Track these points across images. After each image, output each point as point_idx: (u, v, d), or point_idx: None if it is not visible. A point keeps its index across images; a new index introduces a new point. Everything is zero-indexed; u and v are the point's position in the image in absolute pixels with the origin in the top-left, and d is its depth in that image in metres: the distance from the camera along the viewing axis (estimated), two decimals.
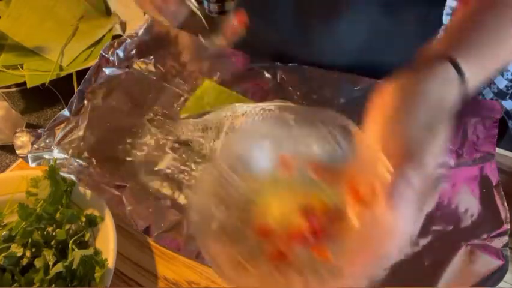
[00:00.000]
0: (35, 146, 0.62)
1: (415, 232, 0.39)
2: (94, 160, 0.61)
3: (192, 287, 0.50)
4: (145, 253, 0.53)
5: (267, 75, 0.72)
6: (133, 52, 0.76)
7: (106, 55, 0.73)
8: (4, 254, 0.45)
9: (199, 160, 0.60)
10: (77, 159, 0.61)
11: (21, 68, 0.78)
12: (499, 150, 0.60)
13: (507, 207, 0.53)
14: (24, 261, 0.46)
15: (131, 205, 0.56)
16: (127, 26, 0.87)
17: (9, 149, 0.65)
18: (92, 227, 0.50)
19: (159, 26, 0.80)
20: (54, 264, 0.45)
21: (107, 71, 0.72)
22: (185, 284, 0.50)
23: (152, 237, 0.53)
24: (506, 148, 0.62)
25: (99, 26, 0.85)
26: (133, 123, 0.67)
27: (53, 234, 0.49)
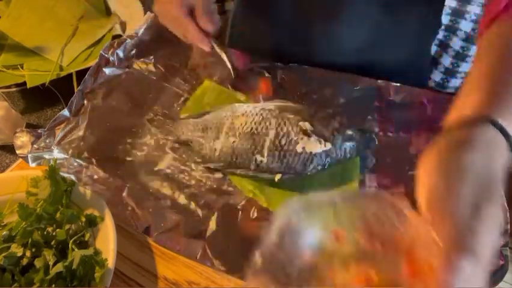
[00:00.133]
0: (35, 146, 0.62)
1: None
2: (94, 160, 0.61)
3: (192, 287, 0.50)
4: (145, 253, 0.53)
5: (267, 75, 0.72)
6: (133, 52, 0.76)
7: (106, 55, 0.73)
8: (4, 254, 0.45)
9: (199, 160, 0.60)
10: (77, 159, 0.61)
11: (21, 68, 0.78)
12: None
13: (507, 207, 0.52)
14: (24, 261, 0.46)
15: (131, 205, 0.56)
16: (127, 26, 0.87)
17: (9, 149, 0.65)
18: (92, 227, 0.50)
19: (159, 26, 0.80)
20: (54, 264, 0.45)
21: (107, 71, 0.72)
22: (185, 284, 0.50)
23: (152, 237, 0.53)
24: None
25: (99, 26, 0.85)
26: (133, 123, 0.67)
27: (53, 234, 0.49)
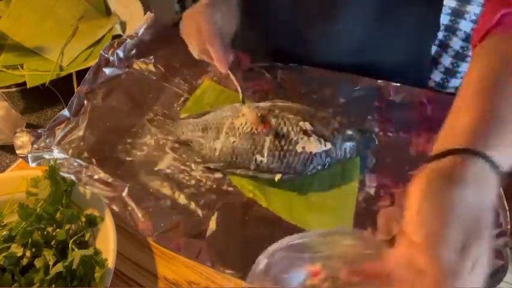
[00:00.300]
0: (35, 146, 0.62)
1: None
2: (94, 160, 0.61)
3: (192, 287, 0.50)
4: (145, 253, 0.53)
5: (267, 75, 0.72)
6: (133, 52, 0.76)
7: (106, 55, 0.73)
8: (4, 254, 0.45)
9: (199, 160, 0.60)
10: (77, 159, 0.61)
11: (21, 68, 0.78)
12: None
13: (507, 207, 0.52)
14: (24, 261, 0.46)
15: (131, 205, 0.56)
16: (127, 26, 0.87)
17: (9, 149, 0.65)
18: (92, 227, 0.50)
19: (159, 26, 0.80)
20: (54, 264, 0.45)
21: (107, 71, 0.72)
22: (185, 284, 0.50)
23: (152, 237, 0.53)
24: None
25: (99, 26, 0.85)
26: (133, 123, 0.67)
27: (53, 234, 0.49)
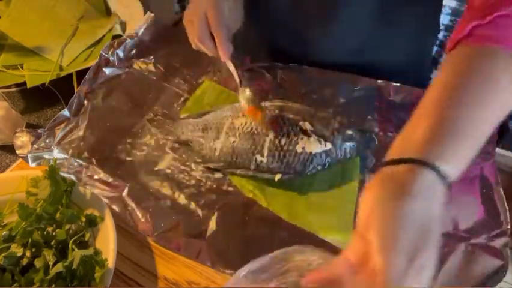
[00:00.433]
0: (35, 146, 0.62)
1: None
2: (94, 160, 0.61)
3: (192, 287, 0.50)
4: (145, 253, 0.53)
5: (267, 75, 0.72)
6: (133, 52, 0.76)
7: (106, 55, 0.73)
8: (4, 254, 0.45)
9: (199, 160, 0.60)
10: (77, 159, 0.61)
11: (21, 68, 0.78)
12: (499, 150, 0.60)
13: (507, 207, 0.53)
14: (24, 261, 0.46)
15: (131, 205, 0.56)
16: (127, 26, 0.87)
17: (9, 149, 0.65)
18: (92, 227, 0.50)
19: (159, 26, 0.80)
20: (54, 264, 0.45)
21: (107, 71, 0.72)
22: (185, 284, 0.50)
23: (152, 237, 0.53)
24: (506, 148, 0.62)
25: (99, 26, 0.85)
26: (133, 123, 0.67)
27: (53, 234, 0.49)
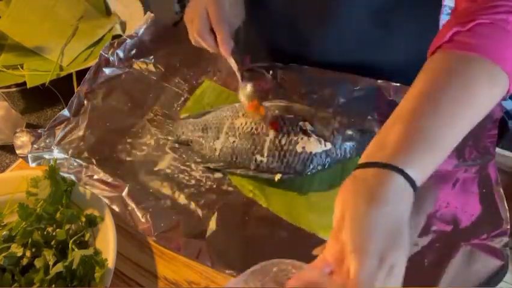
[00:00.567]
0: (35, 146, 0.62)
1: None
2: (94, 160, 0.61)
3: (192, 287, 0.50)
4: (145, 253, 0.53)
5: (267, 75, 0.72)
6: (133, 52, 0.76)
7: (106, 55, 0.73)
8: (4, 254, 0.45)
9: (199, 160, 0.60)
10: (77, 159, 0.61)
11: (21, 68, 0.78)
12: (499, 150, 0.60)
13: (507, 207, 0.53)
14: (24, 261, 0.46)
15: (131, 205, 0.56)
16: (127, 26, 0.87)
17: (9, 149, 0.65)
18: (92, 227, 0.50)
19: (159, 26, 0.80)
20: (54, 264, 0.45)
21: (107, 71, 0.72)
22: (185, 284, 0.50)
23: (152, 237, 0.53)
24: (506, 148, 0.62)
25: (99, 26, 0.85)
26: (133, 123, 0.67)
27: (53, 234, 0.49)
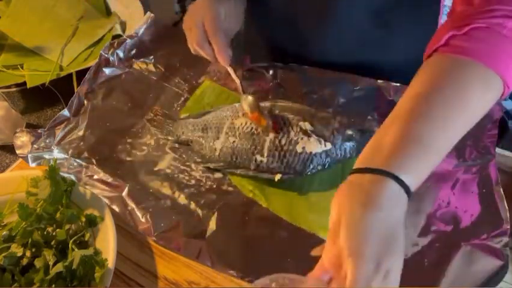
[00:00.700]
0: (35, 146, 0.62)
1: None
2: (94, 160, 0.61)
3: (192, 287, 0.50)
4: (145, 253, 0.53)
5: (267, 75, 0.72)
6: (133, 52, 0.76)
7: (106, 55, 0.73)
8: (4, 254, 0.45)
9: (199, 160, 0.60)
10: (77, 159, 0.61)
11: (21, 68, 0.78)
12: (499, 150, 0.60)
13: (507, 207, 0.52)
14: (24, 261, 0.46)
15: (131, 205, 0.56)
16: (127, 26, 0.87)
17: (9, 149, 0.65)
18: (92, 227, 0.50)
19: (159, 26, 0.80)
20: (54, 264, 0.45)
21: (107, 71, 0.72)
22: (185, 284, 0.50)
23: (152, 237, 0.53)
24: (506, 148, 0.62)
25: (99, 26, 0.85)
26: (133, 123, 0.67)
27: (53, 234, 0.49)
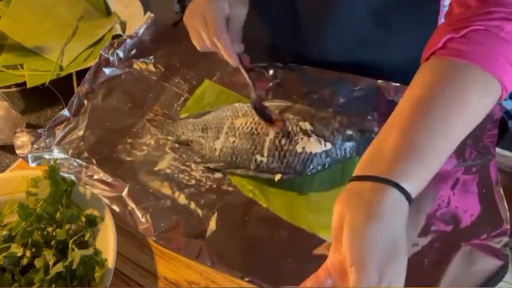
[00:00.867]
0: (35, 146, 0.62)
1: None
2: (94, 160, 0.61)
3: (192, 287, 0.50)
4: (145, 253, 0.53)
5: (267, 75, 0.72)
6: (133, 52, 0.76)
7: (106, 55, 0.73)
8: (4, 254, 0.45)
9: (199, 160, 0.60)
10: (77, 159, 0.61)
11: (21, 68, 0.78)
12: (499, 150, 0.60)
13: (507, 207, 0.52)
14: (24, 261, 0.46)
15: (131, 205, 0.56)
16: (127, 26, 0.87)
17: (9, 149, 0.65)
18: (92, 227, 0.50)
19: (159, 26, 0.80)
20: (54, 264, 0.45)
21: (107, 71, 0.72)
22: (185, 284, 0.50)
23: (152, 237, 0.53)
24: (506, 148, 0.62)
25: (99, 26, 0.85)
26: (133, 123, 0.67)
27: (53, 234, 0.49)
